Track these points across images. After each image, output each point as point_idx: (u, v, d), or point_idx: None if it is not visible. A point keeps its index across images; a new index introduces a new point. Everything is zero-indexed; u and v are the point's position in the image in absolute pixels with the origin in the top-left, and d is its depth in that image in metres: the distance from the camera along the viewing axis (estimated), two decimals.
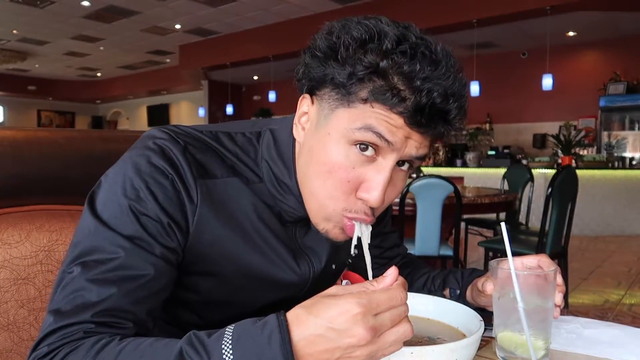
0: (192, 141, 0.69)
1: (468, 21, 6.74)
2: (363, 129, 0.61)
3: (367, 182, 0.64)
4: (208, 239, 0.68)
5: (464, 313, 0.70)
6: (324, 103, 0.65)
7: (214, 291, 0.74)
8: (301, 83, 0.69)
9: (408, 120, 0.61)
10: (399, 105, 0.60)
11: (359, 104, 0.61)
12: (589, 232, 6.55)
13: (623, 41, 7.95)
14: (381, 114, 0.61)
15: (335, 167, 0.64)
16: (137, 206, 0.62)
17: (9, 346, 0.80)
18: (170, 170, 0.64)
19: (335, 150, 0.64)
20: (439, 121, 0.62)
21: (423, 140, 0.64)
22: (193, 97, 13.38)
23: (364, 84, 0.60)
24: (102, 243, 0.60)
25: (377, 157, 0.63)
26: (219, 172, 0.69)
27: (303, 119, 0.70)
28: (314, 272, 0.79)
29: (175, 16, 8.41)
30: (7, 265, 0.80)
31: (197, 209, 0.66)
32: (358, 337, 0.48)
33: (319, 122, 0.66)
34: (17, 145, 0.84)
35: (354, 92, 0.61)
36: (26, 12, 8.13)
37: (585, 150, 7.80)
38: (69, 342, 0.56)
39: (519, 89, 8.82)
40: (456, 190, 2.83)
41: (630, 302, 3.61)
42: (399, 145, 0.62)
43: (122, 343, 0.54)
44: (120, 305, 0.59)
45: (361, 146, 0.62)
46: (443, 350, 0.55)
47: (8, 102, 14.93)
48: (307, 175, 0.69)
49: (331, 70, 0.62)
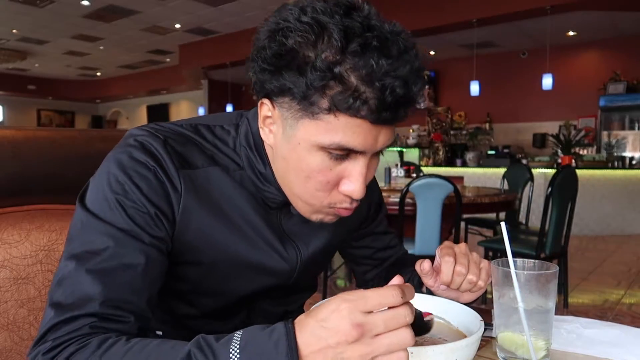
0: (171, 135, 0.70)
1: (468, 21, 6.74)
2: (333, 145, 0.61)
3: (347, 178, 0.65)
4: (194, 227, 0.70)
5: (464, 313, 0.70)
6: (286, 112, 0.64)
7: (204, 280, 0.75)
8: (256, 91, 0.68)
9: (374, 121, 0.60)
10: (363, 109, 0.59)
11: (323, 115, 0.60)
12: (588, 231, 6.55)
13: (623, 41, 7.95)
14: (347, 123, 0.60)
15: (314, 173, 0.65)
16: (123, 199, 0.64)
17: (9, 346, 0.80)
18: (152, 163, 0.66)
19: (309, 158, 0.64)
20: (402, 109, 0.62)
21: (390, 131, 0.65)
22: (193, 97, 13.37)
23: (323, 92, 0.59)
24: (93, 235, 0.62)
25: (350, 157, 0.64)
26: (200, 162, 0.71)
27: (268, 122, 0.69)
28: (302, 257, 0.80)
29: (175, 16, 8.41)
30: (7, 264, 0.80)
31: (181, 198, 0.68)
32: (343, 332, 0.47)
33: (285, 131, 0.65)
34: (17, 145, 0.84)
35: (315, 103, 0.60)
36: (26, 11, 8.12)
37: (585, 150, 7.79)
38: (74, 338, 0.57)
39: (518, 88, 8.82)
40: (456, 190, 2.83)
41: (630, 302, 3.61)
42: (369, 147, 0.63)
43: (128, 343, 0.55)
44: (118, 296, 0.60)
45: (336, 155, 0.63)
46: (443, 350, 0.55)
47: (8, 102, 14.92)
48: (287, 179, 0.70)
49: (286, 82, 0.60)
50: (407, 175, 4.67)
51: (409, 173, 4.85)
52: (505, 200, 3.47)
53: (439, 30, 7.24)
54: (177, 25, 9.04)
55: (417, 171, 5.09)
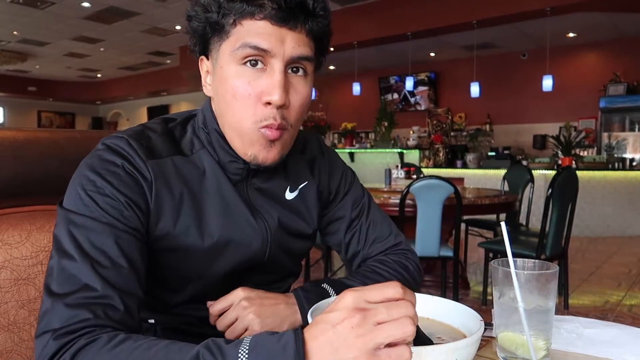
0: (133, 134, 0.76)
1: (468, 22, 6.74)
2: (240, 47, 0.70)
3: (266, 88, 0.71)
4: (167, 213, 0.74)
5: (464, 313, 0.70)
6: (214, 53, 0.75)
7: (182, 265, 0.78)
8: (195, 52, 0.80)
9: (272, 21, 0.69)
10: (260, 12, 0.69)
11: (232, 29, 0.71)
12: (589, 233, 6.55)
13: (623, 42, 7.95)
14: (250, 27, 0.70)
15: (235, 87, 0.72)
16: (95, 194, 0.68)
17: (9, 346, 0.80)
18: (120, 160, 0.71)
19: (229, 75, 0.72)
20: (300, 14, 0.70)
21: (298, 38, 0.71)
22: (193, 98, 13.38)
23: (230, 9, 0.70)
24: (70, 227, 0.66)
25: (266, 67, 0.71)
26: (165, 152, 0.76)
27: (207, 79, 0.80)
28: (270, 229, 0.83)
29: (176, 17, 8.42)
30: (8, 265, 0.81)
31: (152, 185, 0.72)
32: (346, 315, 0.48)
33: (215, 71, 0.76)
34: (17, 146, 0.84)
35: (226, 23, 0.71)
36: (26, 13, 8.14)
37: (585, 151, 7.79)
38: (81, 329, 0.58)
39: (519, 90, 8.82)
40: (456, 191, 2.83)
41: (631, 303, 3.61)
42: (277, 49, 0.70)
43: (138, 341, 0.56)
44: (109, 279, 0.63)
45: (250, 62, 0.71)
46: (443, 350, 0.55)
47: (8, 103, 14.94)
48: (221, 114, 0.77)
49: (206, 17, 0.72)
50: (407, 176, 4.67)
51: (410, 174, 4.85)
52: (506, 202, 3.47)
53: (439, 31, 7.25)
54: (177, 27, 9.06)
55: (418, 172, 5.09)
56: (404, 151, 8.12)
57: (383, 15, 7.12)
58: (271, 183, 0.86)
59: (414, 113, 10.23)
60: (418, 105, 10.27)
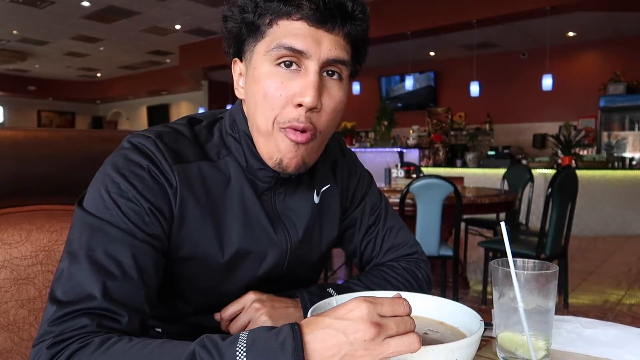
0: (162, 133, 0.73)
1: (468, 21, 6.74)
2: (275, 48, 0.67)
3: (299, 89, 0.68)
4: (191, 220, 0.71)
5: (464, 313, 0.70)
6: (248, 54, 0.73)
7: (200, 275, 0.76)
8: (228, 53, 0.78)
9: (309, 22, 0.67)
10: (297, 12, 0.66)
11: (267, 30, 0.69)
12: (588, 232, 6.55)
13: (623, 41, 7.95)
14: (286, 28, 0.67)
15: (266, 87, 0.69)
16: (118, 197, 0.66)
17: (9, 346, 0.80)
18: (146, 162, 0.69)
19: (262, 75, 0.69)
20: (338, 16, 0.68)
21: (335, 41, 0.69)
22: (193, 98, 13.37)
23: (267, 9, 0.68)
24: (89, 233, 0.64)
25: (300, 69, 0.69)
26: (191, 157, 0.74)
27: (240, 81, 0.77)
28: (291, 242, 0.80)
29: (175, 16, 8.41)
30: (8, 265, 0.80)
31: (177, 191, 0.70)
32: (363, 328, 0.49)
33: (248, 72, 0.73)
34: (17, 146, 0.84)
35: (262, 23, 0.69)
36: (26, 12, 8.13)
37: (585, 151, 7.79)
38: (76, 336, 0.57)
39: (518, 89, 8.82)
40: (456, 190, 2.83)
41: (630, 302, 3.61)
42: (312, 50, 0.67)
43: (131, 342, 0.55)
44: (116, 292, 0.61)
45: (285, 63, 0.68)
46: (443, 350, 0.55)
47: (8, 103, 14.92)
48: (251, 115, 0.74)
49: (243, 17, 0.70)
50: (407, 175, 4.67)
51: (409, 174, 4.84)
52: (505, 201, 3.47)
53: (439, 30, 7.24)
54: (177, 26, 9.05)
55: (417, 172, 5.08)
56: (404, 150, 8.12)
57: (383, 14, 7.11)
58: (299, 190, 0.82)
59: (414, 112, 10.22)
60: (418, 104, 10.27)
